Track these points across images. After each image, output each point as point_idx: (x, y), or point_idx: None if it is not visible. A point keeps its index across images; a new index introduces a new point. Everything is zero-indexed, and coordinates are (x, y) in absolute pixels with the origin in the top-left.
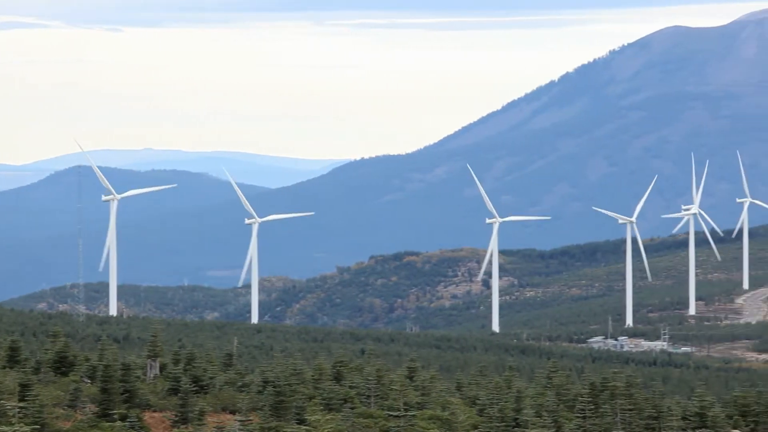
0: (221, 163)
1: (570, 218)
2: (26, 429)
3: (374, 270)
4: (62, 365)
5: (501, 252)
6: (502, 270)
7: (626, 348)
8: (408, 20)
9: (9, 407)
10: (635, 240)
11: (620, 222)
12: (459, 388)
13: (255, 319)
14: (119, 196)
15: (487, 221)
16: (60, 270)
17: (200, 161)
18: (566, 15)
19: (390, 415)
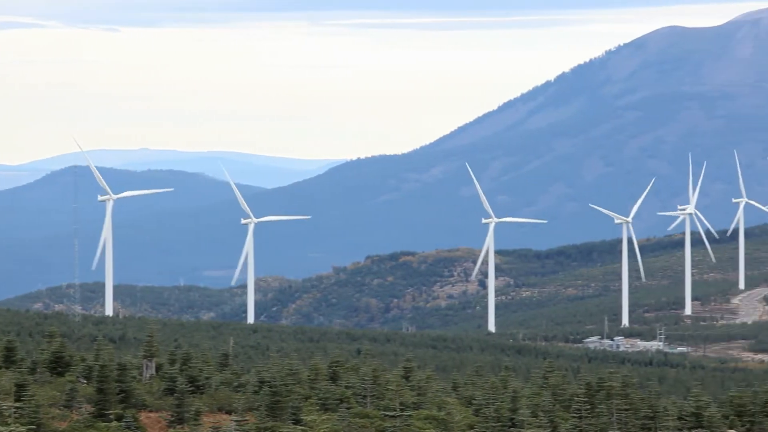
0: (217, 163)
1: (566, 218)
2: (22, 429)
3: (370, 270)
4: (58, 365)
5: (497, 252)
6: (498, 270)
7: (622, 348)
8: (404, 20)
9: (5, 407)
10: (630, 240)
11: (616, 222)
12: (455, 388)
13: (251, 319)
14: (115, 197)
15: (483, 221)
16: (56, 270)
17: (196, 161)
18: (562, 15)
19: (386, 415)
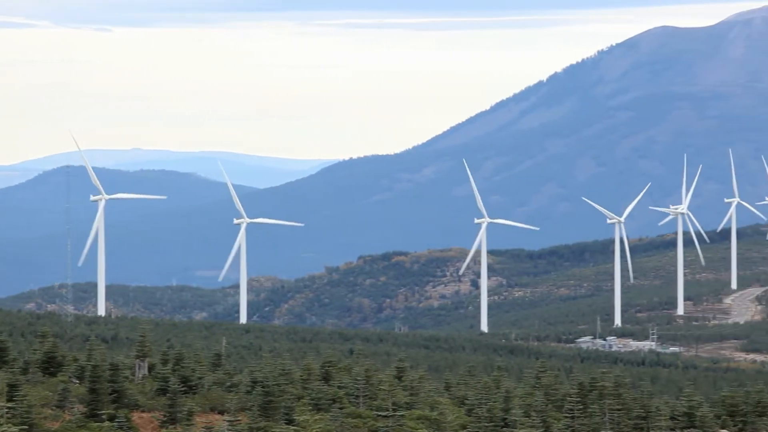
0: (210, 163)
1: (558, 218)
2: (14, 429)
3: (363, 270)
4: (50, 365)
5: (489, 252)
6: (491, 270)
7: (615, 348)
8: (395, 20)
9: None
10: (622, 240)
11: (609, 222)
12: (447, 388)
13: (243, 319)
14: (108, 197)
15: (476, 221)
16: (48, 270)
17: (188, 161)
18: (554, 15)
19: (379, 415)
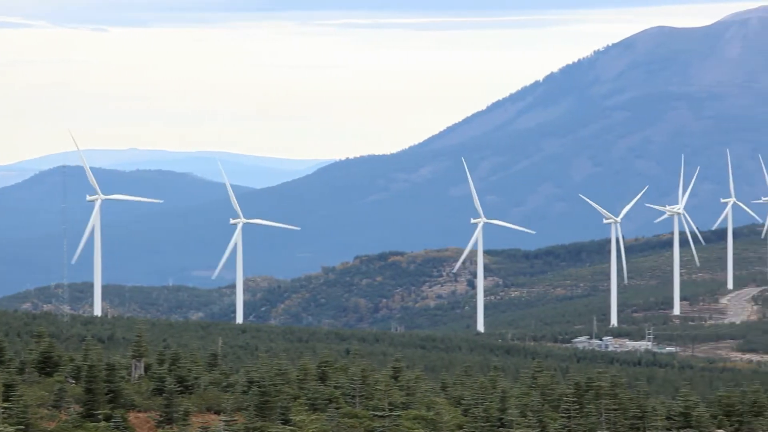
0: (206, 163)
1: (554, 218)
2: (10, 429)
3: (359, 270)
4: (47, 365)
5: (486, 252)
6: (487, 270)
7: (611, 348)
8: (392, 20)
9: None
10: (618, 240)
11: (605, 222)
12: (444, 388)
13: (240, 319)
14: (104, 197)
15: (472, 221)
16: (44, 270)
17: (185, 161)
18: (551, 15)
19: (375, 415)
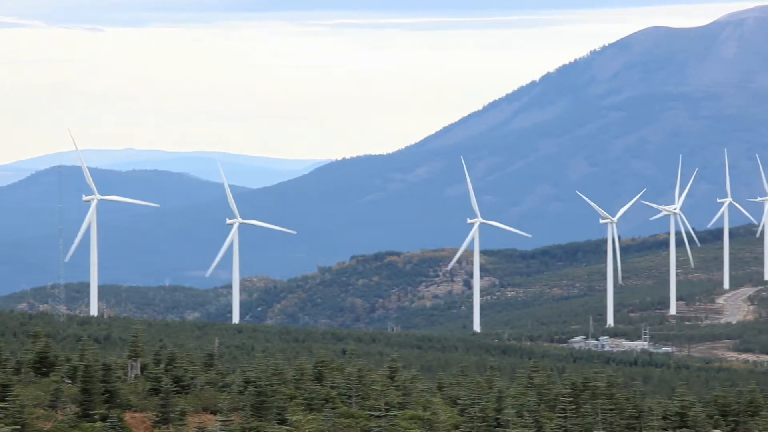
0: (202, 163)
1: (551, 218)
2: (7, 429)
3: (355, 270)
4: (43, 365)
5: (482, 252)
6: (483, 270)
7: (607, 348)
8: (389, 20)
9: None
10: (614, 240)
11: (601, 221)
12: (440, 388)
13: (236, 319)
14: (100, 197)
15: (468, 221)
16: (41, 270)
17: (181, 161)
18: (547, 15)
19: (371, 415)
